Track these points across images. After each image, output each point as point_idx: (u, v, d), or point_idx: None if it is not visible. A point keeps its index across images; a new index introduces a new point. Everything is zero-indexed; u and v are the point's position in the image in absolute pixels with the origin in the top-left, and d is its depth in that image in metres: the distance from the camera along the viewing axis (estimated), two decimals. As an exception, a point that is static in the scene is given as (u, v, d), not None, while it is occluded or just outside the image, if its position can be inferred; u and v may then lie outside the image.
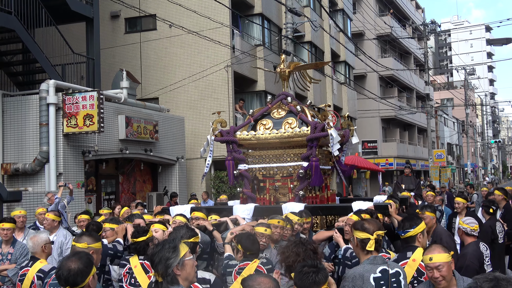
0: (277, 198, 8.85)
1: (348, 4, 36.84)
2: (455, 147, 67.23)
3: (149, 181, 19.58)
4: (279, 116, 9.17)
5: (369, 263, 4.41)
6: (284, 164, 8.82)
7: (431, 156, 38.37)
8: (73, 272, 3.64)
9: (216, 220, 7.33)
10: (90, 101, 14.34)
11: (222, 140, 9.17)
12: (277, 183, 8.91)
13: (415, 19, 53.10)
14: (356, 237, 4.55)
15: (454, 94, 60.18)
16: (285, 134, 8.75)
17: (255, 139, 8.97)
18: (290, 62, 10.46)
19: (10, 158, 14.80)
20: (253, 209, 8.04)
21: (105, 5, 21.31)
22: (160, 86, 21.79)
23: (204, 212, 7.39)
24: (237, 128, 9.31)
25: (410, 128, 49.60)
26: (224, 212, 7.91)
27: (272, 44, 25.20)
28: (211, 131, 9.28)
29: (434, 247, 4.37)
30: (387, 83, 44.42)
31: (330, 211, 8.66)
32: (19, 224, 8.78)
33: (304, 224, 7.13)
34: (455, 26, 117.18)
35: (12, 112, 14.92)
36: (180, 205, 9.48)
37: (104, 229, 7.09)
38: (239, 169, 8.94)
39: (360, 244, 4.52)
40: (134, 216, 7.72)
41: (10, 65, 16.41)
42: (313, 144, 8.47)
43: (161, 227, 6.45)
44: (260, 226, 6.03)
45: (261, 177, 9.01)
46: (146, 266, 5.53)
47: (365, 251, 4.50)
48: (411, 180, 16.00)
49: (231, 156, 9.03)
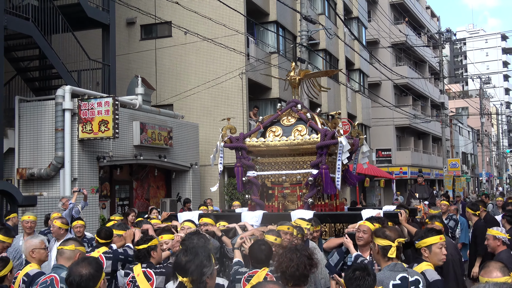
0: (285, 206, 8.82)
1: (363, 12, 36.80)
2: (470, 157, 66.77)
3: (162, 187, 19.63)
4: (289, 123, 9.15)
5: (389, 270, 4.41)
6: (293, 172, 8.80)
7: (445, 165, 38.16)
8: (85, 277, 3.64)
9: (224, 226, 7.33)
10: (106, 107, 14.42)
11: (231, 147, 9.15)
12: (285, 190, 8.87)
13: (430, 28, 52.92)
14: (377, 244, 4.56)
15: (469, 103, 59.81)
16: (295, 141, 8.72)
17: (265, 146, 8.94)
18: (300, 69, 10.43)
19: (25, 163, 14.91)
20: (261, 216, 8.01)
21: (121, 12, 21.46)
22: (174, 93, 21.88)
23: (213, 218, 7.42)
24: (246, 135, 9.30)
25: (424, 136, 49.33)
26: (232, 219, 7.91)
27: (286, 51, 25.23)
28: (220, 137, 9.28)
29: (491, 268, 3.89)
30: (402, 91, 44.25)
31: (339, 219, 8.58)
32: (27, 229, 8.81)
33: (314, 233, 7.10)
34: (470, 35, 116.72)
35: (28, 117, 15.04)
36: (187, 212, 9.47)
37: None
38: (248, 176, 8.91)
39: (382, 251, 4.53)
40: (142, 222, 7.72)
41: (27, 70, 16.57)
42: (323, 152, 8.44)
43: (169, 237, 6.45)
44: (270, 234, 5.99)
45: (270, 184, 8.98)
46: (148, 274, 5.54)
47: (386, 258, 4.52)
48: (424, 189, 15.94)
49: (240, 162, 9.01)
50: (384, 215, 7.48)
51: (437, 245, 4.89)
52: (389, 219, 7.39)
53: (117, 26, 19.52)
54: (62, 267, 4.76)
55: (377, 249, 4.58)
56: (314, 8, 28.34)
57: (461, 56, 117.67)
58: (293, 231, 6.41)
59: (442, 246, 4.93)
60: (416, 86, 44.88)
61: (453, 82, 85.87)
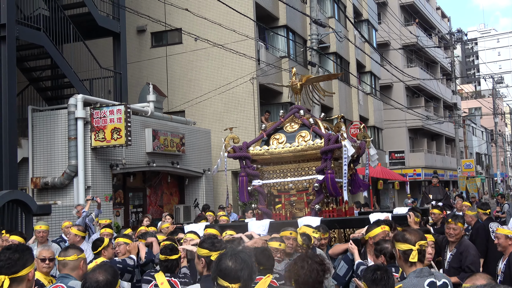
0: (293, 213, 8.69)
1: (373, 14, 36.72)
2: (484, 157, 66.32)
3: (176, 193, 19.66)
4: (292, 130, 9.05)
5: (416, 277, 4.24)
6: (299, 178, 8.69)
7: (459, 166, 37.92)
8: (102, 283, 3.65)
9: (231, 236, 7.23)
10: (118, 115, 14.48)
11: (235, 156, 9.04)
12: (292, 198, 8.76)
13: (441, 28, 52.70)
14: (398, 249, 4.40)
15: (482, 103, 59.44)
16: (299, 148, 8.60)
17: (269, 153, 8.83)
18: (302, 75, 10.31)
19: (39, 172, 15.00)
20: (268, 225, 7.90)
21: (132, 20, 21.56)
22: (186, 99, 21.93)
23: (217, 229, 7.27)
24: (249, 144, 9.17)
25: (437, 138, 49.06)
26: (238, 229, 7.79)
27: (297, 55, 25.23)
28: (223, 147, 9.17)
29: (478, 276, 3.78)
30: (414, 93, 44.06)
31: (347, 224, 8.42)
32: (40, 239, 8.83)
33: (321, 240, 7.01)
34: (482, 35, 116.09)
35: (41, 127, 15.14)
36: (193, 224, 9.38)
37: (117, 243, 7.13)
38: (253, 185, 8.81)
39: (403, 256, 4.36)
40: (147, 234, 7.67)
41: (39, 80, 16.68)
42: (328, 157, 8.32)
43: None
44: (274, 241, 5.93)
45: (276, 192, 8.88)
46: (173, 283, 5.39)
47: (408, 263, 4.33)
48: (439, 190, 15.82)
49: (245, 172, 8.89)
50: (393, 218, 7.42)
51: None
52: (398, 222, 7.32)
53: (127, 34, 19.61)
54: (68, 277, 4.73)
55: (399, 254, 4.40)
56: (324, 11, 28.31)
57: (473, 56, 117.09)
58: (296, 236, 6.34)
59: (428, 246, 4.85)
60: (428, 87, 44.67)
61: (465, 83, 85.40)
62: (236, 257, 3.50)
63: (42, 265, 5.78)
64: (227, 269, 3.43)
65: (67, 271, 4.85)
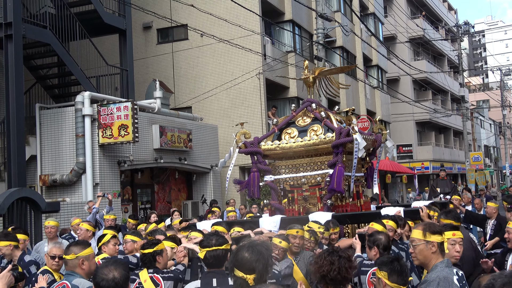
0: (307, 209, 8.52)
1: (379, 7, 36.58)
2: (492, 149, 66.04)
3: (184, 189, 19.70)
4: (304, 124, 8.86)
5: (446, 266, 4.24)
6: (311, 173, 8.52)
7: (467, 159, 37.79)
8: (119, 279, 3.62)
9: (239, 233, 7.12)
10: (125, 112, 14.51)
11: (246, 152, 8.90)
12: (305, 193, 8.59)
13: (448, 21, 52.43)
14: (436, 242, 4.30)
15: (490, 95, 59.13)
16: (310, 142, 8.43)
17: (280, 148, 8.68)
18: (314, 68, 10.09)
19: (48, 170, 15.06)
20: (279, 221, 7.77)
21: (138, 17, 21.58)
22: (193, 95, 21.94)
23: (225, 226, 7.16)
24: (261, 139, 9.00)
25: (445, 131, 48.89)
26: (247, 225, 7.70)
27: (303, 50, 25.18)
28: (234, 142, 9.02)
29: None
30: (421, 86, 43.90)
31: (358, 219, 8.20)
32: (49, 234, 8.88)
33: (331, 235, 6.95)
34: (489, 27, 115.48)
35: (49, 124, 15.19)
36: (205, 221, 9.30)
37: (125, 241, 7.09)
38: (265, 181, 8.67)
39: (439, 248, 4.31)
40: (156, 232, 7.62)
41: (46, 78, 16.74)
42: (339, 150, 8.14)
43: (170, 244, 6.21)
44: (276, 237, 5.87)
45: (289, 187, 8.73)
46: (155, 279, 5.37)
47: (443, 254, 4.32)
48: (446, 183, 15.78)
49: (256, 167, 8.76)
50: (405, 212, 7.34)
51: (449, 240, 4.68)
52: (411, 216, 7.26)
53: (133, 31, 19.63)
54: (74, 274, 4.71)
55: (436, 247, 4.30)
56: (330, 5, 28.24)
57: (481, 49, 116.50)
58: (304, 234, 6.25)
59: (455, 243, 4.76)
60: (435, 80, 44.49)
61: (473, 75, 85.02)
62: (252, 248, 3.54)
63: (52, 262, 5.82)
64: (243, 259, 3.49)
65: (70, 269, 4.84)
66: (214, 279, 4.46)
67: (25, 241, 7.92)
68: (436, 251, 4.29)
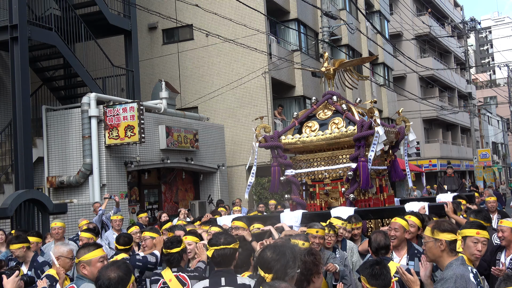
0: (329, 203, 8.37)
1: (385, 5, 36.47)
2: (500, 146, 65.73)
3: (191, 189, 19.70)
4: (325, 117, 8.70)
5: (461, 264, 4.21)
6: (333, 167, 8.35)
7: (475, 156, 37.63)
8: (114, 280, 3.65)
9: (259, 229, 7.02)
10: (131, 113, 14.52)
11: (267, 146, 8.77)
12: (327, 187, 8.43)
13: (454, 18, 52.21)
14: (444, 240, 4.27)
15: (498, 91, 58.95)
16: (331, 135, 8.29)
17: (301, 142, 8.56)
18: (334, 60, 9.93)
19: (55, 171, 15.09)
20: (301, 216, 7.65)
21: (143, 18, 21.60)
22: (199, 95, 21.94)
23: (245, 221, 7.08)
24: (281, 132, 8.90)
25: (453, 128, 48.71)
26: (268, 221, 7.55)
27: (309, 48, 25.13)
28: (254, 137, 8.90)
29: None
30: (428, 83, 43.75)
31: (381, 214, 8.05)
32: (55, 235, 8.90)
33: (354, 230, 6.86)
34: (495, 23, 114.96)
35: (56, 126, 15.22)
36: (226, 216, 9.22)
37: (143, 238, 6.99)
38: (286, 175, 8.51)
39: (449, 246, 4.27)
40: (175, 228, 7.48)
41: (52, 80, 16.77)
42: (361, 144, 8.00)
43: (194, 239, 6.17)
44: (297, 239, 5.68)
45: (310, 182, 8.57)
46: (181, 278, 5.25)
47: (453, 252, 4.27)
48: (453, 180, 15.70)
49: (277, 162, 8.61)
50: (430, 208, 7.21)
51: (472, 238, 4.59)
52: (436, 211, 7.11)
53: (139, 31, 19.65)
54: (83, 278, 4.64)
55: (445, 245, 4.27)
56: (335, 3, 28.18)
57: (487, 45, 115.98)
58: (323, 234, 6.11)
59: (478, 242, 4.62)
60: (442, 77, 44.33)
61: (480, 72, 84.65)
62: (275, 248, 3.58)
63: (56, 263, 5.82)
64: (263, 258, 3.53)
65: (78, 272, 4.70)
66: (222, 278, 4.44)
67: (38, 244, 7.96)
68: (445, 249, 4.26)
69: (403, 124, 9.33)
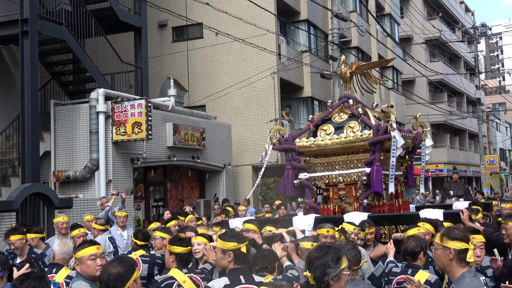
0: (342, 208, 8.24)
1: (396, 8, 36.40)
2: (508, 153, 65.44)
3: (196, 188, 19.70)
4: (341, 120, 8.55)
5: (474, 276, 3.92)
6: (347, 171, 8.23)
7: (482, 162, 37.47)
8: (113, 276, 3.66)
9: (270, 232, 6.92)
10: (139, 109, 14.53)
11: (281, 149, 8.67)
12: (341, 191, 8.29)
13: (465, 23, 52.04)
14: (453, 248, 3.95)
15: (507, 98, 58.56)
16: (346, 139, 8.16)
17: (315, 145, 8.41)
18: (351, 63, 9.77)
19: (61, 166, 15.12)
20: (313, 220, 7.57)
21: (153, 15, 21.62)
22: (207, 94, 21.95)
23: (256, 224, 6.95)
24: (296, 135, 8.74)
25: (460, 133, 48.54)
26: (280, 224, 7.43)
27: (318, 50, 25.10)
28: (268, 139, 8.74)
29: None
30: (436, 87, 43.61)
31: (395, 220, 7.89)
32: (63, 230, 8.92)
33: (367, 235, 6.75)
34: (506, 29, 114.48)
35: (63, 121, 15.25)
36: (237, 218, 9.09)
37: (154, 237, 6.96)
38: (300, 179, 8.37)
39: (458, 256, 3.94)
40: (187, 229, 7.37)
41: (61, 74, 16.81)
42: (376, 148, 7.85)
43: (203, 240, 6.11)
44: (306, 240, 5.71)
45: (324, 186, 8.46)
46: (195, 279, 5.13)
47: (463, 263, 3.94)
48: (459, 186, 15.62)
49: (291, 165, 8.48)
50: (445, 215, 7.11)
51: None
52: (451, 219, 6.99)
53: (149, 28, 19.67)
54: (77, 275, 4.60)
55: (453, 254, 3.95)
56: (346, 5, 28.13)
57: (497, 51, 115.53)
58: (334, 234, 6.07)
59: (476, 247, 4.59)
60: (451, 82, 44.17)
61: (489, 78, 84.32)
62: (322, 247, 3.63)
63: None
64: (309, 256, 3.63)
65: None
66: (241, 276, 4.52)
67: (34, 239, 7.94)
68: (453, 258, 3.94)
69: (420, 130, 9.18)
